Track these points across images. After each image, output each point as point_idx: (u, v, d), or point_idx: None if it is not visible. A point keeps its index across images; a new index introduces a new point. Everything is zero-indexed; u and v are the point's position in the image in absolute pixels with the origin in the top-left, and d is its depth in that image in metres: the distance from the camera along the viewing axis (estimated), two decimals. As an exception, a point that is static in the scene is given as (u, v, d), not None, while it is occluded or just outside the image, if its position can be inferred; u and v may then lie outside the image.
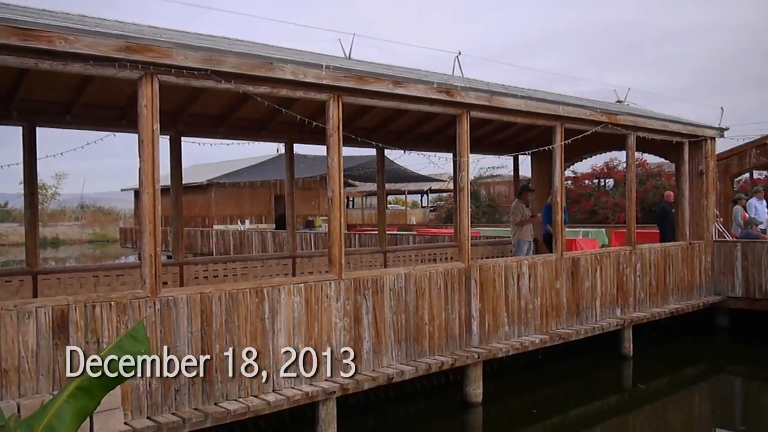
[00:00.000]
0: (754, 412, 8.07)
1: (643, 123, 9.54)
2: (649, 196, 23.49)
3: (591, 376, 9.07)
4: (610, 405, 8.07)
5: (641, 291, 9.71)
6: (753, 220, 11.48)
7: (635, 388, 8.73)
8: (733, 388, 9.29)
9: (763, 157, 16.48)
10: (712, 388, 9.15)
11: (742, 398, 8.78)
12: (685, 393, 8.78)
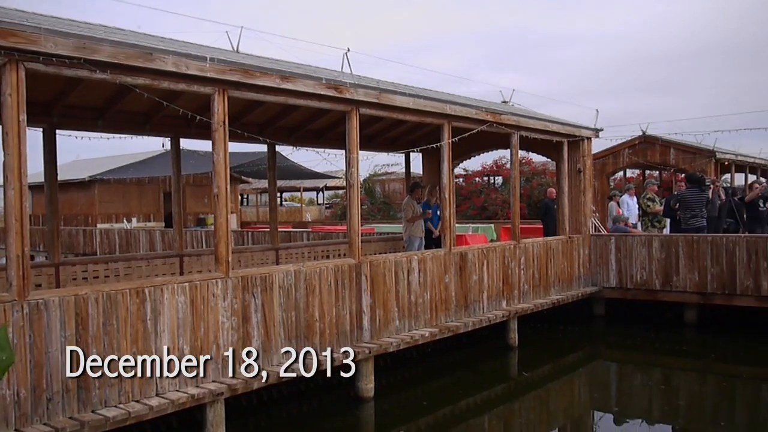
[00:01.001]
0: (627, 393, 8.59)
1: (525, 123, 9.93)
2: (535, 193, 24.49)
3: (479, 367, 9.36)
4: (497, 394, 8.35)
5: (525, 283, 10.12)
6: (620, 217, 12.19)
7: (521, 376, 9.09)
8: (609, 373, 9.85)
9: (635, 156, 17.61)
10: (590, 373, 9.67)
11: (616, 381, 9.32)
12: (566, 379, 9.22)
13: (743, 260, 10.20)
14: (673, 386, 8.67)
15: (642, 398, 8.16)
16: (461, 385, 8.47)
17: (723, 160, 17.71)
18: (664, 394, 8.17)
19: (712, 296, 10.53)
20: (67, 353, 4.99)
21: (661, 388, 8.49)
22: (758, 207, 13.15)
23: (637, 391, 8.52)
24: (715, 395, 8.23)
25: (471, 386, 8.41)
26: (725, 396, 8.22)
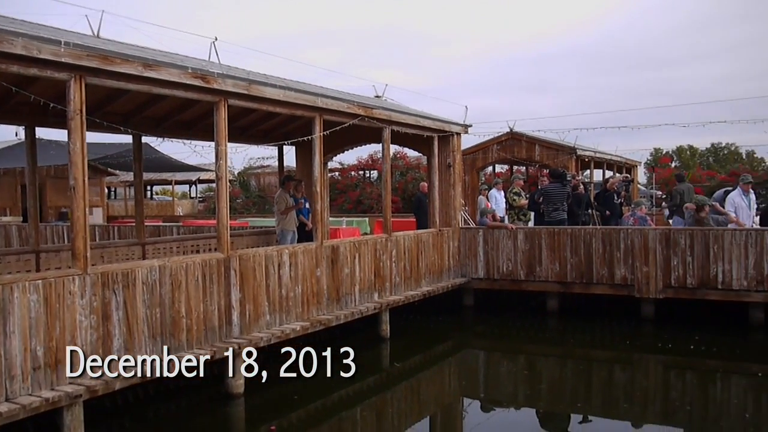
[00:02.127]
0: (494, 380, 8.97)
1: (397, 117, 10.10)
2: (409, 187, 25.02)
3: (352, 359, 9.42)
4: (369, 385, 8.43)
5: (397, 276, 10.31)
6: (486, 210, 12.69)
7: (393, 366, 9.25)
8: (477, 360, 10.23)
9: (503, 152, 18.37)
10: (460, 361, 10.00)
11: (484, 369, 9.71)
12: (437, 368, 9.48)
13: (599, 251, 10.92)
14: (536, 371, 9.13)
15: (508, 384, 8.55)
16: (334, 377, 8.48)
17: (583, 157, 18.83)
18: (527, 379, 8.60)
19: (572, 285, 11.21)
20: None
21: (525, 374, 8.92)
22: (613, 200, 14.13)
23: (503, 378, 8.92)
24: (574, 378, 8.75)
25: (343, 379, 8.46)
26: (583, 379, 8.75)
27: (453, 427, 7.47)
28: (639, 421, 6.99)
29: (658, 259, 10.43)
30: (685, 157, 63.39)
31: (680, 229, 10.76)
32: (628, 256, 10.67)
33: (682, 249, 10.28)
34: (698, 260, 10.19)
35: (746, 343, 9.87)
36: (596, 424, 7.00)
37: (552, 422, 7.27)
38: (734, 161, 54.86)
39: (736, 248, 9.94)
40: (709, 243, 10.11)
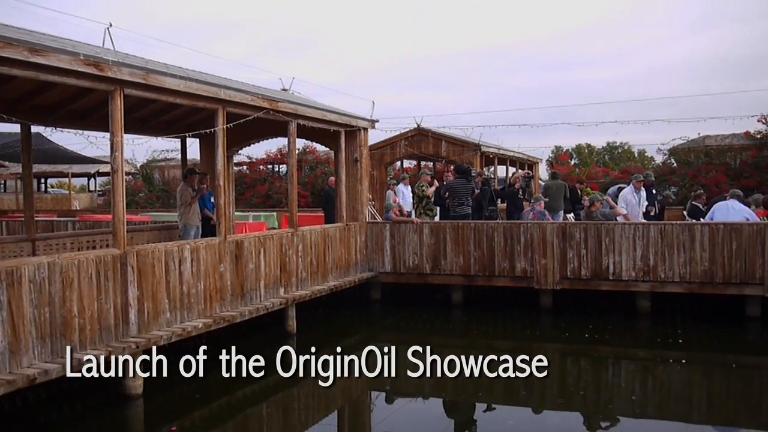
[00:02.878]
0: (399, 372, 9.04)
1: (303, 111, 10.02)
2: (318, 182, 24.90)
3: (258, 355, 9.28)
4: (275, 381, 8.34)
5: (303, 270, 10.25)
6: (390, 205, 12.82)
7: (300, 362, 9.17)
8: (383, 353, 10.30)
9: (410, 148, 18.61)
10: (367, 355, 10.03)
11: (388, 361, 9.77)
12: (342, 363, 9.47)
13: (501, 244, 11.25)
14: (442, 363, 9.31)
15: (414, 376, 8.65)
16: (238, 375, 8.35)
17: (488, 153, 19.34)
18: (433, 370, 8.75)
19: (475, 278, 11.49)
20: None
21: (429, 364, 9.06)
22: (517, 195, 14.58)
23: (409, 370, 9.01)
24: (477, 368, 8.95)
25: (248, 376, 8.33)
26: (485, 368, 8.97)
27: (361, 420, 7.52)
28: (538, 408, 7.27)
29: (556, 252, 10.86)
30: (583, 155, 66.16)
31: (575, 223, 11.25)
32: (528, 249, 11.05)
33: (577, 242, 10.75)
34: (592, 253, 10.69)
35: (634, 330, 10.43)
36: (499, 412, 7.23)
37: (456, 411, 7.44)
38: (627, 159, 57.78)
39: (626, 241, 10.50)
40: (601, 236, 10.63)
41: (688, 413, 7.12)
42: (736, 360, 8.87)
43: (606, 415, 6.98)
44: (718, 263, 10.11)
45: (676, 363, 8.65)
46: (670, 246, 10.31)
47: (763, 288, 9.95)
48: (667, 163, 27.44)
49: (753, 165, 22.25)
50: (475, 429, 6.87)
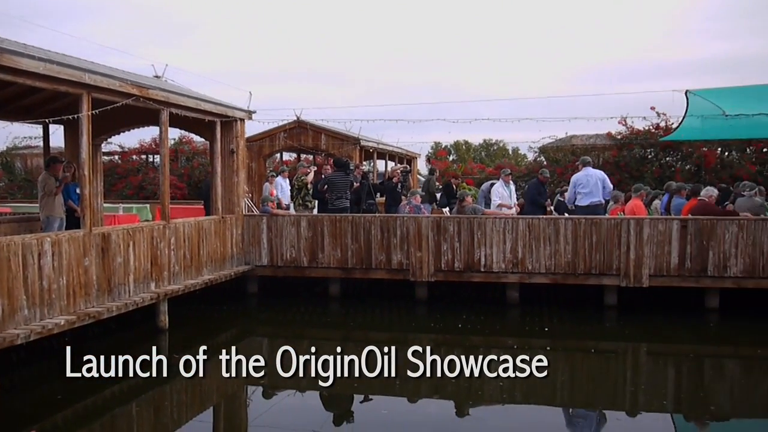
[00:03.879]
0: (272, 366, 8.97)
1: (176, 99, 9.67)
2: (196, 173, 24.16)
3: (127, 352, 8.91)
4: (145, 379, 8.04)
5: (176, 264, 9.92)
6: (267, 198, 12.68)
7: (171, 358, 8.88)
8: (261, 348, 10.18)
9: (290, 140, 18.46)
10: (243, 349, 9.85)
11: (267, 355, 9.67)
12: (218, 358, 9.27)
13: (378, 237, 11.40)
14: (318, 355, 9.33)
15: (290, 368, 8.59)
16: (105, 373, 7.97)
17: (367, 147, 19.52)
18: (309, 362, 8.75)
19: (353, 270, 11.59)
20: None
21: (306, 358, 9.05)
22: (396, 189, 14.83)
23: (286, 362, 8.94)
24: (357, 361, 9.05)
25: (116, 374, 7.97)
26: (365, 361, 9.07)
27: (238, 415, 7.39)
28: (414, 397, 7.44)
29: (430, 245, 11.15)
30: (461, 151, 68.42)
31: (449, 217, 11.60)
32: (404, 242, 11.27)
33: (451, 235, 11.10)
34: (465, 246, 11.06)
35: (504, 319, 10.90)
36: (375, 402, 7.32)
37: (336, 403, 7.48)
38: (502, 156, 60.32)
39: (496, 234, 10.95)
40: (473, 230, 11.02)
41: (552, 397, 7.53)
42: (596, 346, 9.46)
43: (475, 402, 7.25)
44: (580, 255, 10.77)
45: (542, 350, 9.13)
46: (537, 239, 10.86)
47: (619, 278, 10.70)
48: (537, 160, 28.82)
49: (614, 164, 23.74)
50: (352, 420, 6.94)
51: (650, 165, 23.62)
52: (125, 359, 8.49)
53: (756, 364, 8.68)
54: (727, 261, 10.39)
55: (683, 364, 8.72)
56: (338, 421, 6.99)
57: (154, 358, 8.79)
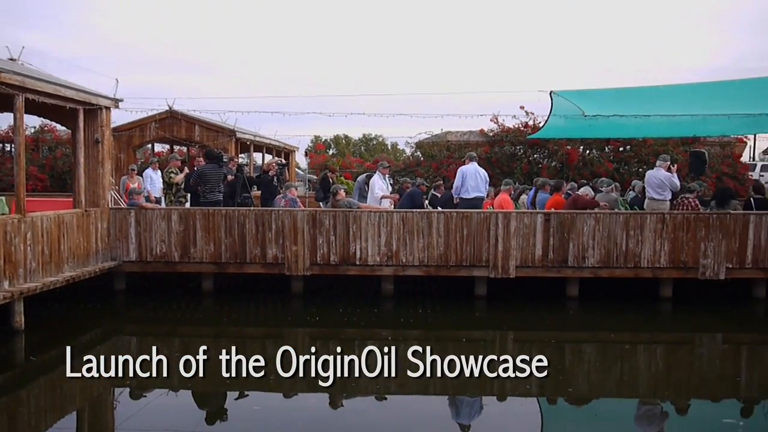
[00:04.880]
0: (146, 366, 8.61)
1: (32, 84, 9.02)
2: (59, 164, 22.77)
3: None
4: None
5: (33, 261, 9.28)
6: (134, 190, 12.18)
7: (28, 361, 8.35)
8: (129, 347, 9.75)
9: (161, 131, 17.78)
10: (109, 349, 9.41)
11: (137, 354, 9.26)
12: (83, 359, 8.80)
13: (252, 231, 11.22)
14: (190, 353, 9.07)
15: (161, 368, 8.28)
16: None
17: (243, 140, 19.15)
18: (179, 361, 8.49)
19: (227, 265, 11.34)
20: None
21: (176, 356, 8.77)
22: (272, 183, 14.65)
23: (156, 362, 8.61)
24: (227, 356, 8.86)
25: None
26: (236, 356, 8.89)
27: (104, 419, 7.04)
28: (289, 392, 7.39)
29: (306, 239, 11.12)
30: (341, 146, 68.68)
31: (324, 211, 11.63)
32: (279, 236, 11.17)
33: (326, 229, 11.11)
34: (340, 239, 11.12)
35: (379, 311, 11.06)
36: (251, 398, 7.20)
37: (207, 401, 7.29)
38: (381, 151, 61.10)
39: (371, 228, 11.09)
40: (349, 223, 11.10)
41: (425, 386, 7.72)
42: (467, 335, 9.80)
43: (350, 394, 7.31)
44: (451, 248, 11.11)
45: (415, 341, 9.35)
46: (410, 232, 11.10)
47: (488, 269, 11.15)
48: (414, 155, 29.44)
49: (486, 160, 24.69)
50: (225, 417, 6.78)
51: (519, 162, 24.74)
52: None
53: (610, 348, 9.32)
54: (586, 252, 11.10)
55: (546, 350, 9.19)
56: (211, 420, 6.83)
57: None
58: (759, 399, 7.52)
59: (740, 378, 8.14)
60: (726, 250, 11.10)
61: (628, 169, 24.37)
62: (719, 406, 7.17)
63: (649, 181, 12.64)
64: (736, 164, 26.00)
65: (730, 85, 15.01)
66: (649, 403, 7.35)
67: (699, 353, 9.26)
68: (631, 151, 24.84)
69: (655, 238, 11.08)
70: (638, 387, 7.86)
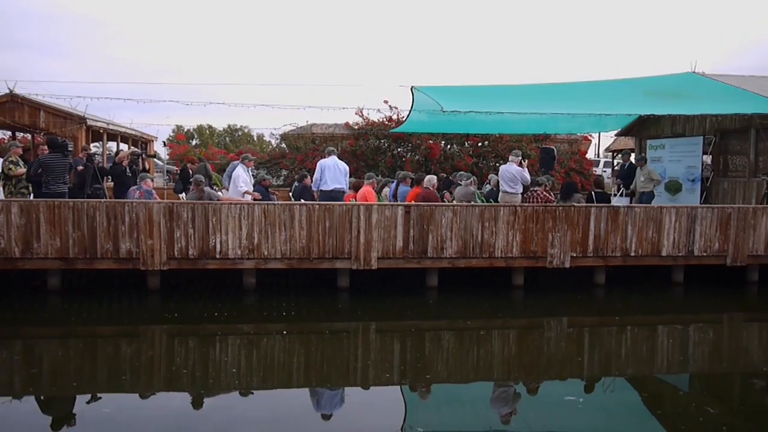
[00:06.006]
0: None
1: None
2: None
3: None
4: None
5: None
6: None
7: None
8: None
9: (1, 116, 16.39)
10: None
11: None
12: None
13: (104, 225, 10.59)
14: (34, 355, 8.47)
15: (1, 373, 7.65)
16: None
17: (95, 128, 18.05)
18: (23, 364, 7.91)
19: (75, 261, 10.64)
20: None
21: (19, 359, 8.16)
22: (125, 174, 13.95)
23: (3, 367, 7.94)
24: (77, 357, 8.35)
25: None
26: (87, 356, 8.40)
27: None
28: (145, 392, 7.07)
29: (163, 232, 10.65)
30: (205, 136, 66.65)
31: (182, 203, 11.20)
32: (134, 229, 10.62)
33: (184, 222, 10.71)
34: (199, 232, 10.76)
35: (242, 306, 10.83)
36: (103, 401, 6.80)
37: (54, 405, 6.82)
38: (247, 142, 59.91)
39: (232, 220, 10.82)
40: (208, 216, 10.76)
41: (288, 379, 7.66)
42: (330, 327, 9.82)
43: (212, 392, 7.11)
44: (314, 240, 11.08)
45: (278, 334, 9.26)
46: (272, 225, 10.94)
47: (350, 261, 11.23)
48: (280, 147, 29.12)
49: (351, 153, 24.90)
50: (74, 422, 6.36)
51: (384, 155, 25.17)
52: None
53: (467, 334, 9.69)
54: (444, 243, 11.46)
55: (407, 339, 9.42)
56: (57, 426, 6.37)
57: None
58: (599, 377, 8.12)
59: (582, 358, 8.74)
60: (570, 240, 11.87)
61: (486, 163, 25.51)
62: (564, 385, 7.66)
63: (503, 176, 13.30)
64: (582, 160, 27.96)
65: (578, 87, 16.10)
66: (504, 385, 7.72)
67: (547, 336, 9.84)
68: (488, 146, 26.02)
69: (507, 229, 11.64)
70: (493, 371, 8.24)
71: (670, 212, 12.34)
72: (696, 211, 12.51)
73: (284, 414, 6.64)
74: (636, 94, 15.40)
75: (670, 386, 7.98)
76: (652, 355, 9.07)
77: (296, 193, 14.73)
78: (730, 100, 14.97)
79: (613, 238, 12.07)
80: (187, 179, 14.59)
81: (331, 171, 13.12)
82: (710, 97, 15.42)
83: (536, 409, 6.92)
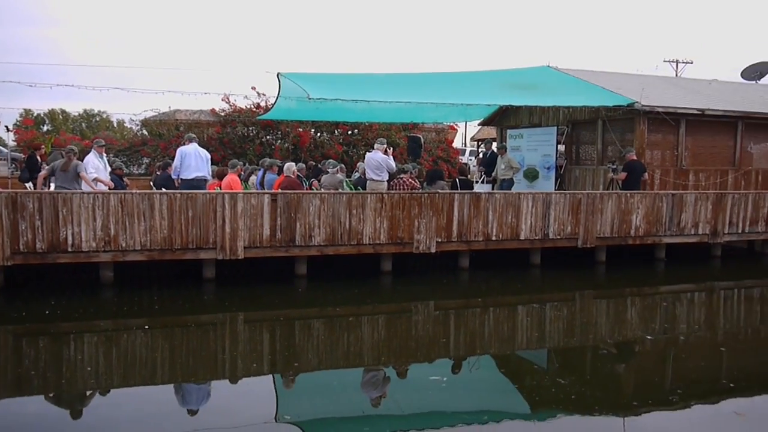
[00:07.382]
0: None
1: None
2: None
3: None
4: None
5: None
6: None
7: None
8: None
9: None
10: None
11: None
12: None
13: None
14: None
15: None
16: None
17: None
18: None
19: None
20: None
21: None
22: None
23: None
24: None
25: None
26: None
27: None
28: None
29: (6, 224, 9.82)
30: (57, 121, 62.33)
31: (27, 193, 10.40)
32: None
33: (30, 213, 9.91)
34: (48, 224, 10.00)
35: (98, 301, 10.22)
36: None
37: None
38: (105, 128, 56.74)
39: (85, 211, 10.15)
40: (58, 206, 10.03)
41: (152, 376, 7.30)
42: (195, 320, 9.49)
43: (67, 393, 6.66)
44: (176, 230, 10.64)
45: (140, 329, 8.81)
46: (131, 215, 10.38)
47: (216, 251, 10.90)
48: (140, 134, 27.74)
49: (218, 140, 24.20)
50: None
51: (252, 142, 24.69)
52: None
53: (337, 321, 9.70)
54: (312, 231, 11.39)
55: (276, 328, 9.30)
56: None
57: None
58: (465, 356, 8.40)
59: (448, 340, 9.00)
60: (436, 226, 12.18)
61: (356, 151, 25.68)
62: (431, 366, 7.86)
63: (368, 163, 13.40)
64: (449, 149, 28.83)
65: (443, 78, 16.53)
66: (373, 369, 7.79)
67: (415, 320, 10.05)
68: (358, 135, 26.21)
69: (375, 216, 11.75)
70: (363, 356, 8.30)
71: (527, 198, 12.96)
72: (550, 197, 13.24)
73: (148, 412, 6.33)
74: (497, 85, 16.06)
75: (529, 362, 8.41)
76: (512, 333, 9.52)
77: (158, 182, 14.09)
78: (580, 93, 15.97)
79: (476, 224, 12.51)
80: (35, 167, 13.55)
81: (192, 158, 12.67)
82: (563, 90, 16.39)
83: (405, 390, 7.05)
